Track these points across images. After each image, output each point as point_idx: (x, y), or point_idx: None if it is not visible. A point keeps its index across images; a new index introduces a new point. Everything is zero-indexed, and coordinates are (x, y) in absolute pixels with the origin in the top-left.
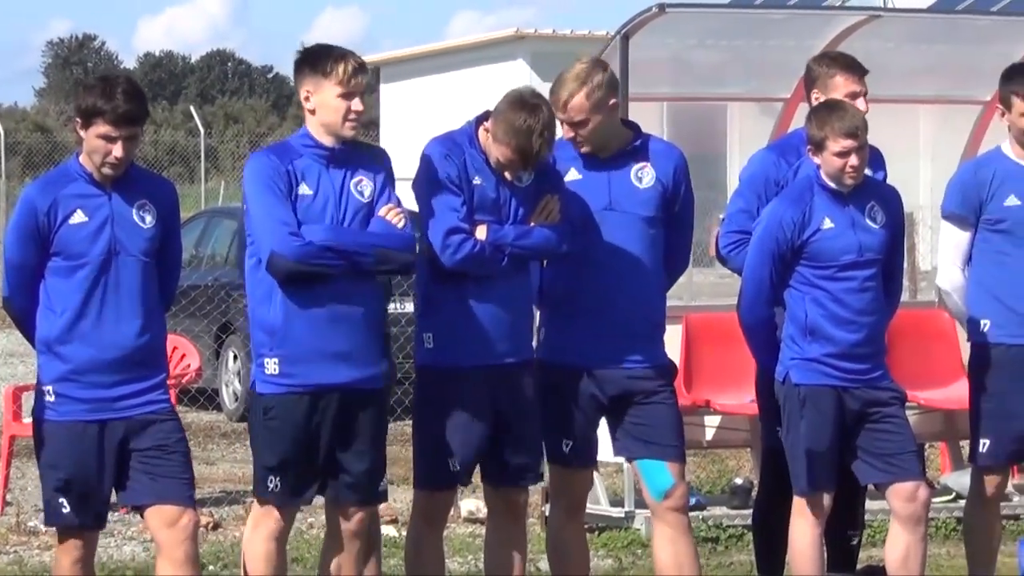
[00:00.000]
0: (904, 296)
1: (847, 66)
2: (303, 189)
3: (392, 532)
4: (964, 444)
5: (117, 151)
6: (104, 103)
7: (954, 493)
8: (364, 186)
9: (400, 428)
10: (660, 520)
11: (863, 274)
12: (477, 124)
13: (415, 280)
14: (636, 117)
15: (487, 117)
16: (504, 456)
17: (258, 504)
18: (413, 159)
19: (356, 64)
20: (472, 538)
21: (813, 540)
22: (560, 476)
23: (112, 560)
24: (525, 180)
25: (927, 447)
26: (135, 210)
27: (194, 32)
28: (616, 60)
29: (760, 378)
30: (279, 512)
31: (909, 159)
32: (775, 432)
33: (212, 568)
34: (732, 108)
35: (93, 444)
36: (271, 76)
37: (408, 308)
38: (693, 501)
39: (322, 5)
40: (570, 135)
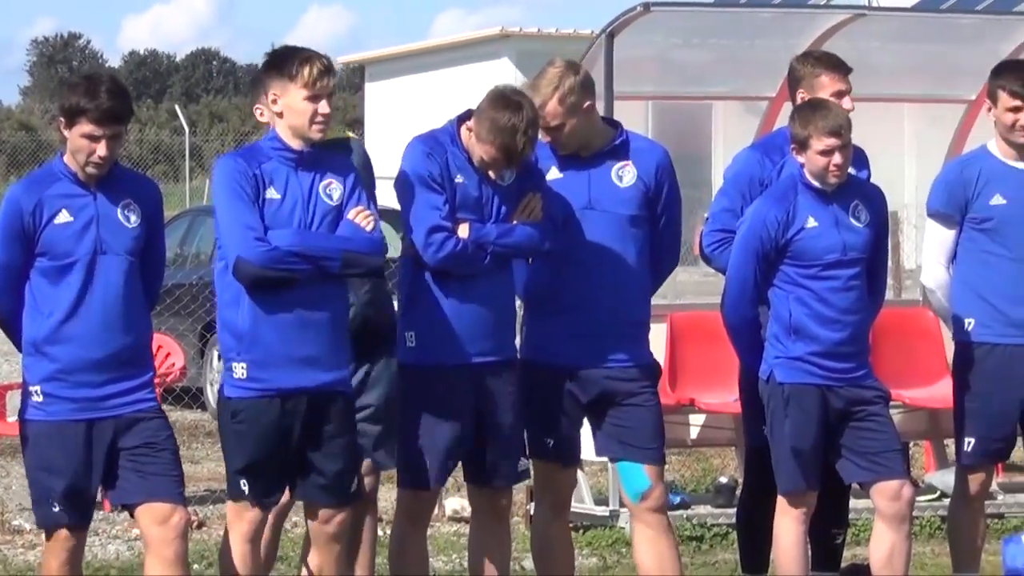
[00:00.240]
0: (889, 295)
1: (832, 65)
2: (271, 193)
3: (377, 531)
4: (949, 443)
5: (101, 150)
6: (87, 102)
7: (939, 492)
8: (333, 189)
9: None
10: (639, 521)
11: (847, 273)
12: (459, 123)
13: (399, 279)
14: (621, 116)
15: (469, 116)
16: (487, 455)
17: (231, 506)
18: (398, 158)
19: (322, 66)
20: (456, 537)
21: (797, 538)
22: (544, 474)
23: (96, 559)
24: (507, 178)
25: (912, 446)
26: (120, 209)
27: (179, 31)
28: (601, 59)
29: (744, 377)
30: (252, 514)
31: (894, 158)
32: (759, 431)
33: (197, 567)
34: (717, 107)
35: (81, 443)
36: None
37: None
38: (678, 500)
39: (307, 4)
40: (547, 139)
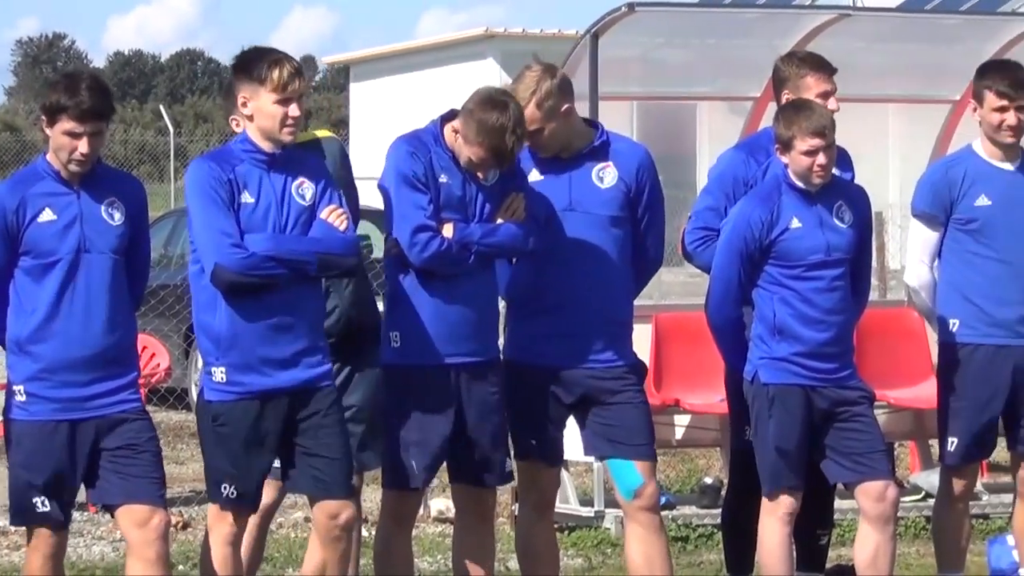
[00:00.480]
0: (873, 295)
1: (817, 66)
2: (245, 197)
3: (363, 532)
4: (933, 443)
5: (82, 147)
6: (68, 99)
7: (923, 492)
8: (306, 188)
9: None
10: (631, 519)
11: (831, 273)
12: (442, 123)
13: (385, 279)
14: (606, 116)
15: (452, 116)
16: (471, 455)
17: (214, 509)
18: (383, 158)
19: (292, 69)
20: (441, 538)
21: (782, 539)
22: (528, 475)
23: (81, 560)
24: (491, 178)
25: (896, 446)
26: (104, 207)
27: (164, 31)
28: (585, 59)
29: (729, 378)
30: (233, 517)
31: (878, 158)
32: (744, 432)
33: (182, 568)
34: (701, 107)
35: (64, 443)
36: None
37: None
38: (663, 500)
39: (291, 4)
40: (527, 144)
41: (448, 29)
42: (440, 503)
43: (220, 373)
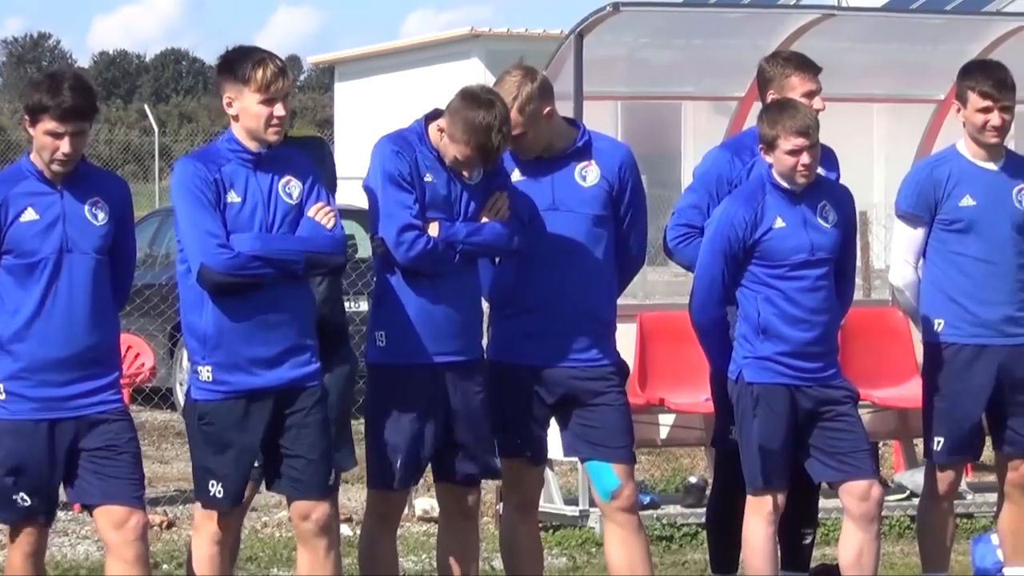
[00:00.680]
0: (858, 295)
1: (801, 65)
2: (231, 197)
3: (346, 531)
4: (918, 442)
5: (64, 147)
6: (50, 99)
7: (908, 491)
8: (293, 187)
9: (353, 427)
10: (610, 520)
11: (815, 273)
12: (426, 121)
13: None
14: (590, 116)
15: (436, 115)
16: (456, 455)
17: (198, 509)
18: (368, 158)
19: (276, 68)
20: (426, 537)
21: (767, 538)
22: (512, 474)
23: (66, 559)
24: (475, 177)
25: (881, 445)
26: (87, 207)
27: (148, 31)
28: (570, 59)
29: (713, 377)
30: (220, 516)
31: (863, 157)
32: (729, 431)
33: (166, 567)
34: (686, 107)
35: (43, 442)
36: None
37: (363, 307)
38: (647, 500)
39: (276, 4)
40: (510, 147)
41: (433, 29)
42: (425, 502)
43: (206, 372)
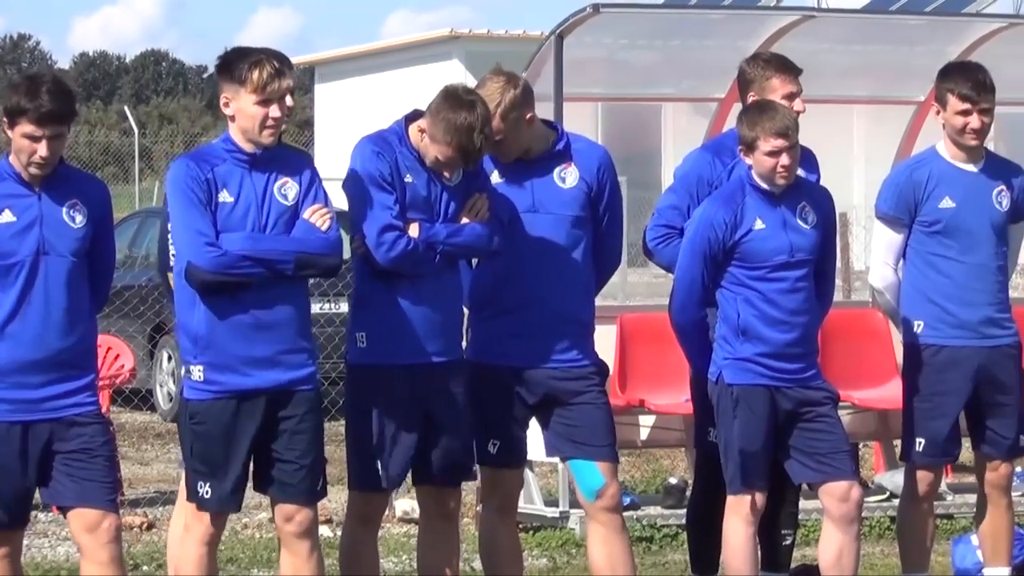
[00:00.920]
0: (838, 296)
1: (782, 67)
2: (224, 196)
3: (327, 532)
4: (898, 443)
5: (42, 150)
6: (28, 102)
7: (888, 492)
8: (288, 189)
9: (334, 428)
10: (593, 520)
11: (795, 274)
12: (407, 122)
13: (353, 279)
14: (570, 117)
15: (416, 116)
16: (435, 456)
17: (191, 508)
18: (348, 159)
19: (273, 69)
20: (407, 538)
21: (747, 539)
22: (490, 476)
23: (46, 560)
24: (455, 178)
25: (861, 446)
26: (65, 210)
27: (128, 32)
28: (551, 60)
29: (694, 378)
30: (212, 517)
31: (843, 159)
32: (709, 432)
33: (146, 568)
34: (666, 108)
35: (16, 445)
36: (205, 76)
37: (343, 308)
38: (628, 501)
39: (256, 5)
40: (490, 151)
41: (413, 30)
42: (405, 503)
43: (198, 372)
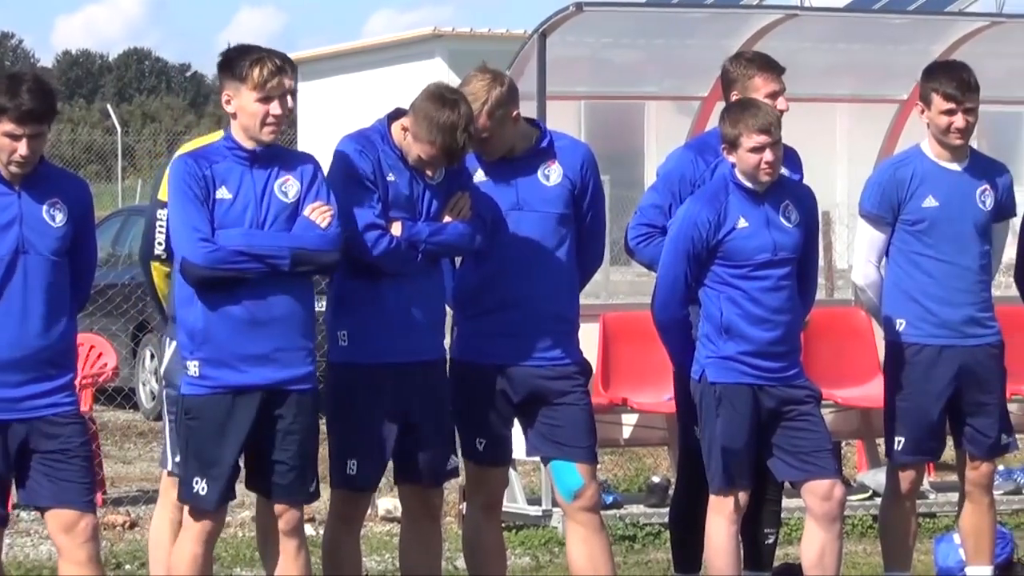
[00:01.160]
0: (821, 294)
1: (765, 66)
2: (222, 193)
3: (310, 531)
4: (880, 442)
5: (22, 149)
6: (8, 101)
7: (870, 491)
8: (289, 186)
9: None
10: (572, 520)
11: (778, 273)
12: (389, 121)
13: (330, 278)
14: (553, 116)
15: (399, 114)
16: (417, 455)
17: (187, 507)
18: (331, 158)
19: (274, 66)
20: (389, 537)
21: (729, 538)
22: (475, 474)
23: (28, 560)
24: (438, 177)
25: (844, 445)
26: (45, 208)
27: (112, 30)
28: (533, 59)
29: (676, 377)
30: (209, 515)
31: (826, 157)
32: (692, 431)
33: (129, 567)
34: (649, 107)
35: None
36: (188, 74)
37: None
38: (610, 499)
39: (239, 4)
40: (476, 149)
41: (396, 29)
42: (388, 502)
43: (194, 367)
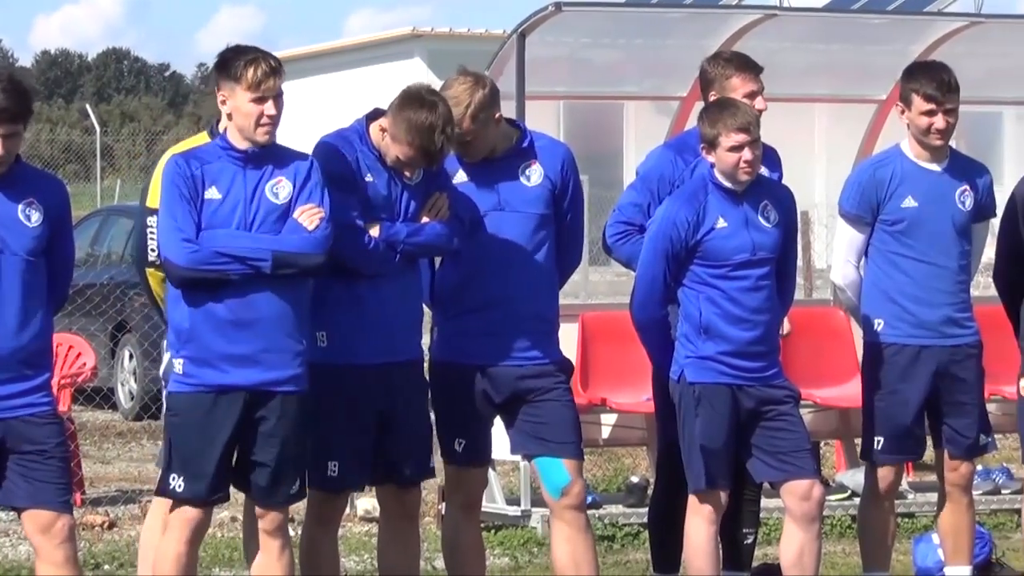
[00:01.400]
0: (799, 294)
1: (743, 66)
2: (211, 193)
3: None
4: (859, 442)
5: None
6: None
7: (849, 491)
8: (281, 187)
9: None
10: (558, 518)
11: (756, 273)
12: (368, 121)
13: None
14: (533, 116)
15: (377, 114)
16: (395, 455)
17: (173, 506)
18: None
19: (268, 67)
20: (368, 537)
21: (708, 538)
22: (454, 475)
23: (7, 560)
24: (416, 177)
25: (822, 445)
26: (21, 208)
27: (90, 30)
28: (513, 59)
29: (655, 377)
30: (193, 514)
31: (804, 157)
32: (672, 430)
33: (107, 567)
34: (628, 107)
35: None
36: (167, 74)
37: None
38: (589, 499)
39: (218, 3)
40: (458, 151)
41: (375, 29)
42: (366, 502)
43: (179, 365)
